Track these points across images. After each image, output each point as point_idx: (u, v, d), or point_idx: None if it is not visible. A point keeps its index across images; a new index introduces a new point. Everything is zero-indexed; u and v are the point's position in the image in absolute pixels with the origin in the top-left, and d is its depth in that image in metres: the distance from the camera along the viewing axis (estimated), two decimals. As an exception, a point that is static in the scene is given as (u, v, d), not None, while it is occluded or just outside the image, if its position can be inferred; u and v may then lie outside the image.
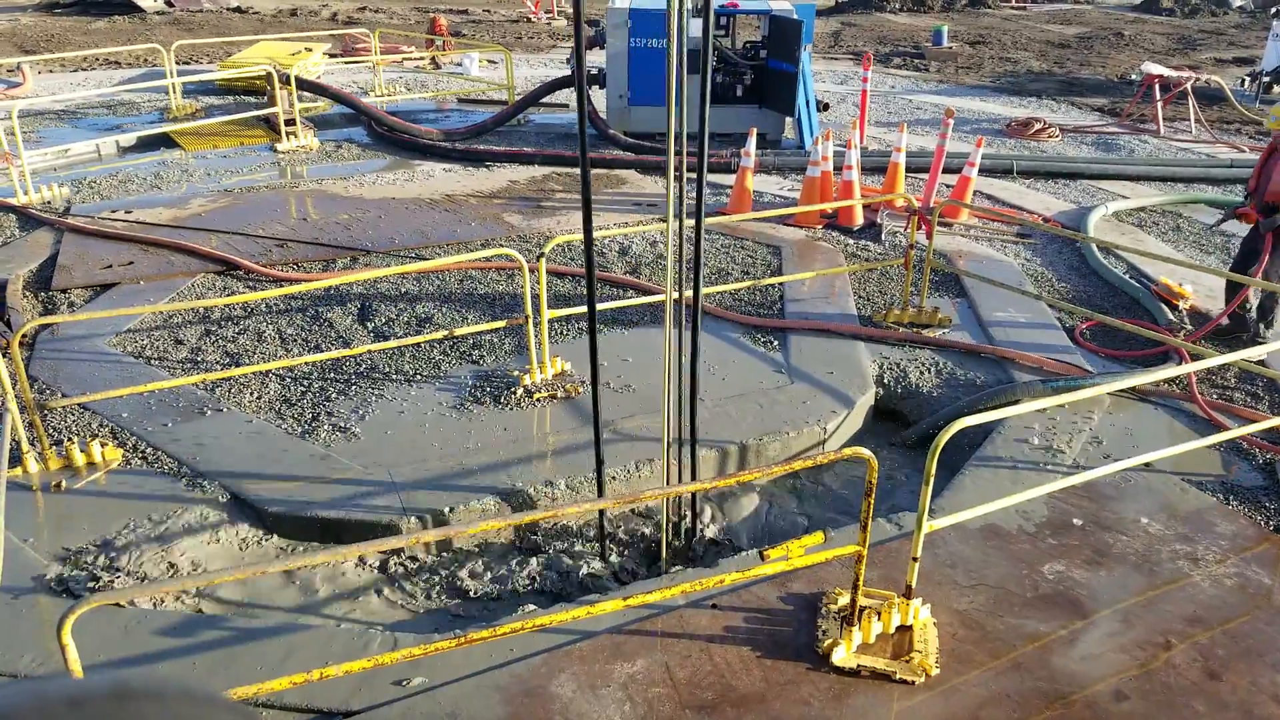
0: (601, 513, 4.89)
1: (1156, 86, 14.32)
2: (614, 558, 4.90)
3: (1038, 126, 13.57)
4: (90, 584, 4.36)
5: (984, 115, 15.05)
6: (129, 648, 3.97)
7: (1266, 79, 16.45)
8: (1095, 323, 7.07)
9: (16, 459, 5.12)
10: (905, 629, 4.02)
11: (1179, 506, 5.01)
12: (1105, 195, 10.64)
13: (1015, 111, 15.28)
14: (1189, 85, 14.19)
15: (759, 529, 5.31)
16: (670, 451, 4.69)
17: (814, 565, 4.05)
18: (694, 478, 4.80)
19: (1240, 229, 7.99)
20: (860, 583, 3.78)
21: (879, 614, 3.99)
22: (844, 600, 4.13)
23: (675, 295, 4.20)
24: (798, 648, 3.97)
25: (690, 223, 4.28)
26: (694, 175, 4.15)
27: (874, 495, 3.58)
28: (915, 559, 3.81)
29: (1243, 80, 17.16)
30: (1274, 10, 19.67)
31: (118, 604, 4.17)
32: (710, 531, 5.16)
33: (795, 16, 11.36)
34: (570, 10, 27.95)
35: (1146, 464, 5.04)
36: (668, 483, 4.81)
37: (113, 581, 4.43)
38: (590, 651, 3.94)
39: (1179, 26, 27.42)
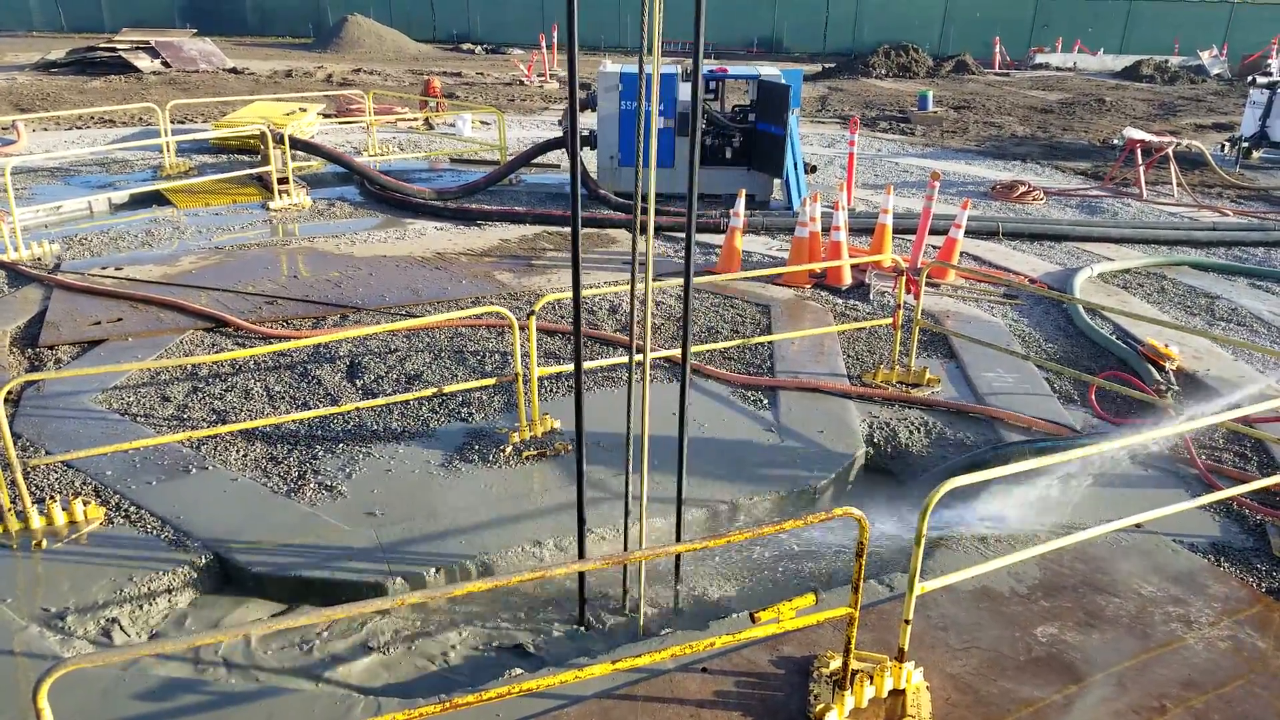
0: (581, 575, 4.78)
1: (1138, 151, 14.58)
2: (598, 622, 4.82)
3: (1022, 189, 13.76)
4: (69, 646, 4.28)
5: (969, 178, 15.27)
6: (107, 712, 3.88)
7: (1245, 144, 16.78)
8: (1100, 381, 7.09)
9: (-3, 517, 5.05)
10: (898, 693, 3.97)
11: (1171, 568, 4.99)
12: (1090, 257, 10.77)
13: (1000, 175, 15.50)
14: (1170, 150, 14.45)
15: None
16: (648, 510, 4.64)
17: (805, 628, 4.00)
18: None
19: None
20: (852, 646, 3.73)
21: (871, 678, 3.93)
22: (836, 664, 4.08)
23: (640, 357, 4.19)
24: (790, 713, 3.90)
25: (675, 281, 4.29)
26: (681, 234, 4.17)
27: (865, 556, 3.55)
28: (907, 622, 3.77)
29: (1222, 145, 17.49)
30: (1250, 79, 20.12)
31: (96, 666, 4.08)
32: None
33: (783, 81, 11.57)
34: (561, 74, 28.41)
35: (1137, 525, 5.03)
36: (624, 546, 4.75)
37: (92, 643, 4.34)
38: (578, 717, 3.86)
39: (1159, 93, 28.00)
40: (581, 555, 4.64)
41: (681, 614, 4.91)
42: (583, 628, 4.75)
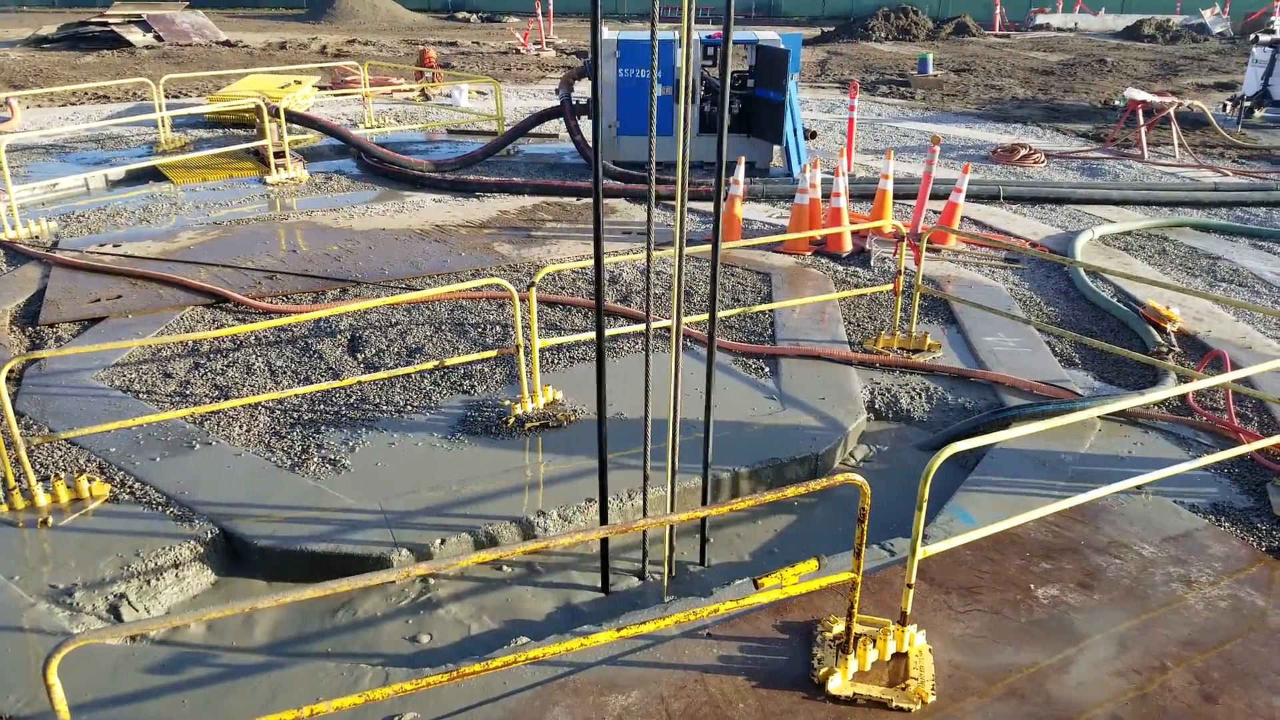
0: (604, 541, 4.84)
1: (1140, 112, 14.49)
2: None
3: (1023, 152, 13.69)
4: (77, 621, 4.31)
5: (970, 142, 15.18)
6: (116, 686, 3.92)
7: (1247, 104, 16.67)
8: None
9: (2, 495, 5.07)
10: (901, 656, 4.00)
11: (1172, 529, 5.01)
12: (1091, 220, 10.73)
13: (1001, 138, 15.41)
14: (1172, 110, 14.36)
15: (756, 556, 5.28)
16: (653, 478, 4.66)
17: (809, 593, 4.02)
18: (704, 502, 4.78)
19: None
20: (855, 610, 3.76)
21: (874, 641, 3.96)
22: (839, 628, 4.11)
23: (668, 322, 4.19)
24: (793, 677, 3.93)
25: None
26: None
27: (867, 522, 3.56)
28: (909, 585, 3.80)
29: (1224, 105, 17.37)
30: (1253, 37, 19.94)
31: (105, 642, 4.12)
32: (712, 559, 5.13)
33: (782, 46, 11.47)
34: (558, 42, 28.18)
35: (1139, 486, 5.04)
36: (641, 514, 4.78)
37: (100, 619, 4.38)
38: (584, 684, 3.90)
39: (1161, 53, 27.77)
40: (645, 513, 4.80)
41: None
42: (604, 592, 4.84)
